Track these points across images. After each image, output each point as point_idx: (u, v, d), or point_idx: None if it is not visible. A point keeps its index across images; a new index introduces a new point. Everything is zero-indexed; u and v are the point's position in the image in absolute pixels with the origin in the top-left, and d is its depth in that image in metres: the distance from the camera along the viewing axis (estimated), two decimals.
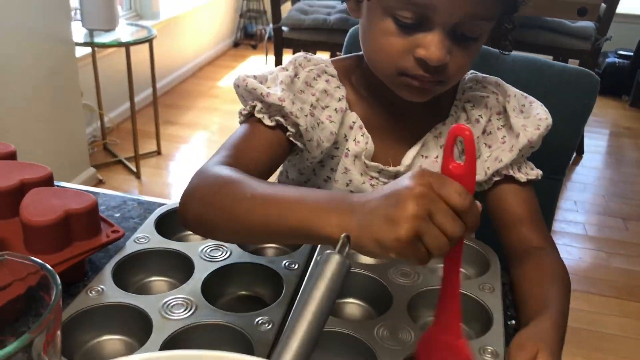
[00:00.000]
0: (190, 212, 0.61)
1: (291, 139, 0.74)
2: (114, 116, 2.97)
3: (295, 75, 0.77)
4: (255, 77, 0.76)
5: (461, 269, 0.53)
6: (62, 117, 2.28)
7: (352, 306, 0.68)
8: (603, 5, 2.59)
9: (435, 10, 0.65)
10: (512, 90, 0.82)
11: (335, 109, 0.77)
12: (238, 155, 0.69)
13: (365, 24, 0.73)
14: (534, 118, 0.78)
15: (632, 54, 3.76)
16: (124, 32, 2.48)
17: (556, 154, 0.97)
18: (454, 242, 0.46)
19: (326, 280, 0.37)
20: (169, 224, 0.75)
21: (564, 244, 2.29)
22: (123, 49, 2.50)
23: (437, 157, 0.81)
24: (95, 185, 2.45)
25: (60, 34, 2.20)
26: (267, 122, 0.73)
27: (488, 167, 0.78)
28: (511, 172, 0.78)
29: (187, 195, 0.62)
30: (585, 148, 3.06)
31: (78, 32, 2.38)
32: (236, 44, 4.58)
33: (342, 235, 0.39)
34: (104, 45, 2.49)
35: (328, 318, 0.37)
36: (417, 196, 0.45)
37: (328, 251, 0.38)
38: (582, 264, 2.19)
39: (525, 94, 0.82)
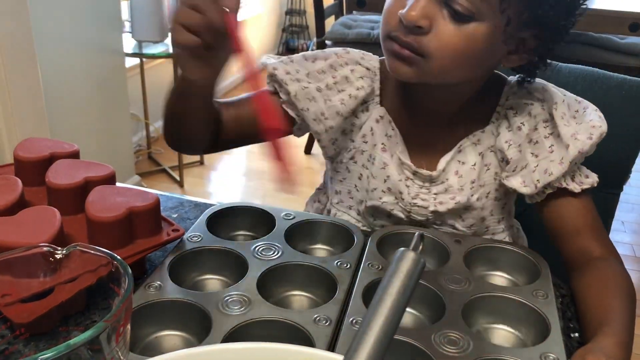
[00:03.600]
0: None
1: (283, 106, 0.82)
2: (159, 126, 3.04)
3: (315, 57, 0.83)
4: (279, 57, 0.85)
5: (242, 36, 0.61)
6: (110, 125, 2.34)
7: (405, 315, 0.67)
8: None
9: None
10: (560, 95, 0.78)
11: (350, 95, 0.81)
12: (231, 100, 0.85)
13: None
14: (586, 125, 0.74)
15: None
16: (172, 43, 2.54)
17: (612, 170, 0.95)
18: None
19: (401, 277, 0.37)
20: (220, 223, 0.76)
21: None
22: (170, 60, 2.55)
23: (474, 164, 0.80)
24: None
25: (111, 45, 2.27)
26: (268, 87, 0.83)
27: (538, 180, 0.75)
28: (564, 184, 0.75)
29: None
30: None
31: (127, 43, 2.44)
32: None
33: (416, 233, 0.39)
34: (153, 56, 2.55)
35: (403, 315, 0.37)
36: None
37: (402, 248, 0.38)
38: None
39: (579, 99, 0.79)
